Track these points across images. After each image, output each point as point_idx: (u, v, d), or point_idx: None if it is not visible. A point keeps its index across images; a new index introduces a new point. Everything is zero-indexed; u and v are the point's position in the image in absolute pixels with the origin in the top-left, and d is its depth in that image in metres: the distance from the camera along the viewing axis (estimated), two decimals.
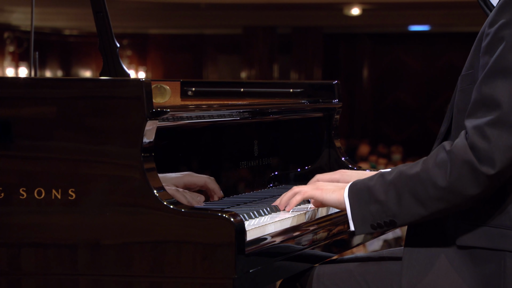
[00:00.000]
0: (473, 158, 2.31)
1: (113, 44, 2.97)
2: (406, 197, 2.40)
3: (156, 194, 2.32)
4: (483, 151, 2.31)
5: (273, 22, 15.94)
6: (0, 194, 2.40)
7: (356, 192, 2.48)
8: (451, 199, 2.36)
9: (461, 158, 2.33)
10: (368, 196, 2.46)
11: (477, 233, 2.41)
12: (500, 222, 2.39)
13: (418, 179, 2.39)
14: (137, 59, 17.81)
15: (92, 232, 2.35)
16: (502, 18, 2.35)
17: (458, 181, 2.34)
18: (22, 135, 2.41)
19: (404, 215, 2.42)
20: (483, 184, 2.33)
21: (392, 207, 2.42)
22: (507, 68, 2.32)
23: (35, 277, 2.39)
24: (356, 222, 2.47)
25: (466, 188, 2.34)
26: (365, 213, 2.46)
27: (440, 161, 2.36)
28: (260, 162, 3.10)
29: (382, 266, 2.58)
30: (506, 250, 2.37)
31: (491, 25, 2.37)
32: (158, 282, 2.32)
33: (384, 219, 2.44)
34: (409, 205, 2.40)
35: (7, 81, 2.53)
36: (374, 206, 2.44)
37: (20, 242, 2.39)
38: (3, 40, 15.93)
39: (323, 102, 3.42)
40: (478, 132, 2.32)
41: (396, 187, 2.41)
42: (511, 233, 2.37)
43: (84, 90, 2.41)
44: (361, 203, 2.47)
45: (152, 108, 2.37)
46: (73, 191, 2.37)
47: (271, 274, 2.47)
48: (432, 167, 2.37)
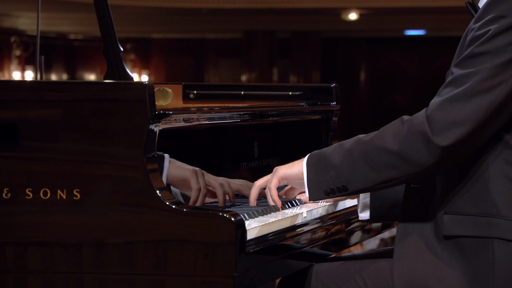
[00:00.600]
0: (427, 128, 2.32)
1: (117, 48, 2.98)
2: (360, 162, 2.41)
3: (159, 194, 2.32)
4: (437, 123, 2.32)
5: (272, 26, 15.94)
6: (6, 194, 2.40)
7: (314, 160, 2.51)
8: (403, 167, 2.37)
9: (416, 127, 2.34)
10: (324, 163, 2.48)
11: (464, 223, 2.40)
12: (486, 211, 2.38)
13: (372, 145, 2.40)
14: (140, 63, 17.81)
15: (96, 231, 2.35)
16: (489, 14, 2.36)
17: (410, 149, 2.35)
18: (28, 137, 2.41)
19: (356, 181, 2.43)
20: (435, 154, 2.33)
21: (345, 173, 2.43)
22: (481, 53, 2.34)
23: (40, 275, 2.39)
24: (310, 188, 2.49)
25: (418, 157, 2.34)
26: (321, 179, 2.48)
27: (396, 129, 2.38)
28: (260, 163, 3.10)
29: (378, 263, 2.58)
30: (493, 237, 2.36)
31: (477, 21, 2.40)
32: (161, 280, 2.32)
33: (337, 185, 2.45)
34: (362, 170, 2.41)
35: (14, 84, 2.53)
36: (329, 173, 2.46)
37: (26, 241, 2.39)
38: (9, 44, 15.93)
39: (321, 104, 3.42)
40: (437, 106, 2.34)
41: (351, 153, 2.43)
42: (497, 220, 2.36)
43: (89, 93, 2.42)
44: (318, 170, 2.48)
45: (154, 111, 2.37)
46: (78, 191, 2.37)
47: (270, 272, 2.47)
48: (387, 134, 2.40)
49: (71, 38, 17.51)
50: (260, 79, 15.87)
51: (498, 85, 2.32)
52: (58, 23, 15.88)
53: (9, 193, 2.40)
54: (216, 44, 17.71)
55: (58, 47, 16.92)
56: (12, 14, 14.84)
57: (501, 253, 2.35)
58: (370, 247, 7.07)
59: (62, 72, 17.38)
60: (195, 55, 17.81)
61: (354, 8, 14.00)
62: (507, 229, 2.35)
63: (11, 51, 15.97)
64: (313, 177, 2.49)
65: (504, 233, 2.35)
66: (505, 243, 2.35)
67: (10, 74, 15.83)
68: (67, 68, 17.47)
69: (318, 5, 13.23)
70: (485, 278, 2.36)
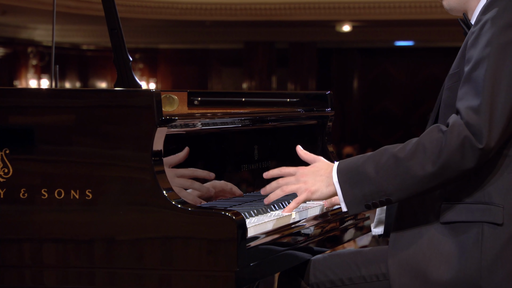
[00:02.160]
0: (469, 134, 2.30)
1: (127, 58, 2.97)
2: (402, 176, 2.36)
3: (165, 194, 2.32)
4: (478, 127, 2.30)
5: (271, 38, 15.94)
6: (24, 194, 2.40)
7: (346, 175, 2.42)
8: (447, 174, 2.34)
9: (458, 135, 2.30)
10: (358, 178, 2.40)
11: (458, 210, 2.41)
12: (479, 199, 2.40)
13: (414, 158, 2.35)
14: (148, 72, 17.80)
15: (107, 228, 2.35)
16: (487, 15, 2.37)
17: (456, 157, 2.31)
18: (44, 141, 2.41)
19: (399, 193, 2.38)
20: (478, 157, 2.31)
21: (387, 187, 2.37)
22: (489, 55, 2.33)
23: (55, 270, 2.39)
24: (348, 204, 2.42)
25: (463, 163, 2.32)
26: (358, 195, 2.40)
27: (437, 139, 2.33)
28: (260, 165, 3.10)
29: (370, 251, 2.59)
30: (484, 221, 2.38)
31: (476, 24, 2.40)
32: (167, 275, 2.32)
33: (380, 199, 2.39)
34: (405, 183, 2.36)
35: (30, 91, 2.53)
36: (367, 187, 2.39)
37: (42, 238, 2.39)
38: (27, 54, 15.92)
39: (317, 110, 3.41)
40: (472, 111, 2.31)
41: (390, 168, 2.37)
42: (489, 207, 2.38)
43: (100, 100, 2.41)
44: (353, 186, 2.41)
45: (161, 116, 2.36)
46: (90, 191, 2.36)
47: (269, 267, 2.46)
48: (429, 145, 2.34)
49: (84, 48, 17.51)
50: (260, 86, 15.86)
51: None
52: (72, 34, 15.88)
53: (26, 193, 2.40)
54: (219, 54, 17.70)
55: (71, 57, 16.91)
56: (29, 26, 14.84)
57: (489, 235, 2.37)
58: (362, 243, 7.05)
59: (76, 80, 17.37)
60: (200, 64, 17.80)
61: (348, 21, 14.00)
62: (497, 215, 2.37)
63: (28, 60, 15.97)
64: (349, 191, 2.41)
65: (494, 218, 2.37)
66: (493, 227, 2.37)
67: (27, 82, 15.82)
68: (80, 76, 17.46)
69: (314, 17, 13.22)
70: (474, 256, 2.38)
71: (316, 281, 2.58)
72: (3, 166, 2.41)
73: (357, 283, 2.53)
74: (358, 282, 2.53)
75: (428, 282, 2.41)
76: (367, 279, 2.52)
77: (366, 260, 2.55)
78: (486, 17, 2.37)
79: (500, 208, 2.37)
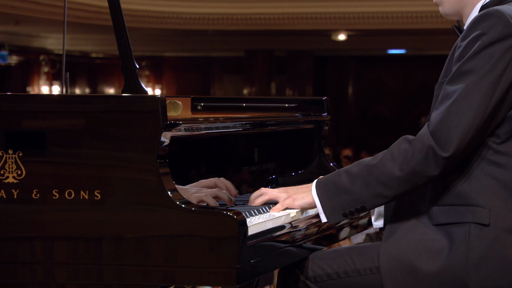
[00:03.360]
0: (434, 143, 2.35)
1: (133, 65, 2.97)
2: (373, 184, 2.42)
3: (170, 195, 2.31)
4: (441, 137, 2.35)
5: (270, 46, 15.94)
6: (36, 195, 2.40)
7: (324, 187, 2.50)
8: (415, 180, 2.39)
9: (423, 144, 2.36)
10: (334, 189, 2.47)
11: (448, 212, 2.44)
12: (467, 202, 2.42)
13: (383, 166, 2.41)
14: (154, 78, 17.81)
15: (114, 227, 2.35)
16: (473, 32, 2.38)
17: (421, 164, 2.37)
18: (55, 144, 2.41)
19: (373, 200, 2.44)
20: (442, 165, 2.36)
21: (360, 195, 2.43)
22: (468, 71, 2.36)
23: (66, 266, 2.38)
24: (327, 213, 2.49)
25: (428, 170, 2.37)
26: (335, 204, 2.47)
27: (404, 149, 2.39)
28: (260, 167, 3.09)
29: (365, 247, 2.61)
30: (471, 222, 2.40)
31: (463, 39, 2.41)
32: (172, 271, 2.31)
33: (355, 206, 2.45)
34: (377, 189, 2.42)
35: (42, 97, 2.53)
36: (343, 197, 2.46)
37: (53, 236, 2.39)
38: (39, 62, 15.94)
39: (314, 115, 3.41)
40: (437, 121, 2.36)
41: (362, 177, 2.43)
42: (476, 209, 2.39)
43: (108, 105, 2.41)
44: (330, 196, 2.48)
45: (166, 121, 2.36)
46: (99, 192, 2.36)
47: (269, 263, 2.46)
48: (397, 154, 2.40)
49: (93, 56, 17.52)
50: (260, 92, 15.86)
51: (486, 96, 2.34)
52: (81, 43, 15.89)
53: (38, 194, 2.40)
54: (221, 62, 17.71)
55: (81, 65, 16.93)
56: (41, 35, 14.85)
57: (476, 235, 2.39)
58: (357, 241, 7.05)
59: (85, 87, 17.38)
60: (202, 71, 17.81)
61: (343, 30, 14.00)
62: (484, 216, 2.39)
63: (40, 68, 15.98)
64: (328, 203, 2.48)
65: (481, 219, 2.39)
66: (480, 227, 2.39)
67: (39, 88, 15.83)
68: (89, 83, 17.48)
69: (311, 27, 13.23)
70: (461, 253, 2.39)
71: (314, 274, 2.58)
72: (16, 168, 2.41)
73: (352, 276, 2.54)
74: (353, 275, 2.54)
75: (417, 275, 2.42)
76: (361, 272, 2.53)
77: (360, 255, 2.56)
78: (473, 34, 2.37)
79: (486, 210, 2.39)
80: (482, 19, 2.37)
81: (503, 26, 2.34)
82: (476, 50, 2.35)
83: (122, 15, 3.03)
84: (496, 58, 2.34)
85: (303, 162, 3.39)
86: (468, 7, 2.53)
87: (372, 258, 2.53)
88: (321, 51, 16.75)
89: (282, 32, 13.79)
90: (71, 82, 16.85)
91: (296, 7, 12.73)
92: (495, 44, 2.34)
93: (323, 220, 2.50)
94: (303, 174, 3.35)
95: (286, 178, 3.26)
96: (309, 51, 16.52)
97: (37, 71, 15.95)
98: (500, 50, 2.34)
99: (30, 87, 15.81)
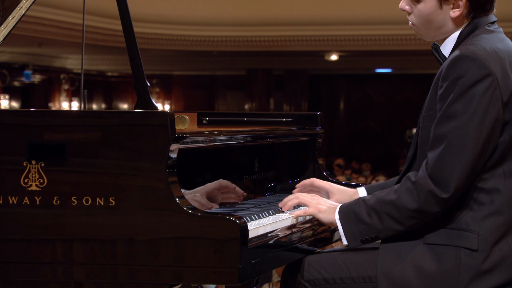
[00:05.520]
0: (434, 187, 2.36)
1: (145, 83, 2.97)
2: (386, 218, 2.44)
3: (178, 201, 2.31)
4: (439, 180, 2.35)
5: (269, 65, 15.95)
6: (56, 201, 2.40)
7: (345, 215, 2.51)
8: (421, 217, 2.41)
9: (425, 187, 2.37)
10: (355, 218, 2.49)
11: (440, 234, 2.43)
12: (458, 226, 2.41)
13: (393, 204, 2.43)
14: (164, 95, 17.81)
15: (128, 230, 2.34)
16: (452, 74, 2.36)
17: (424, 205, 2.38)
18: (74, 155, 2.40)
19: (385, 232, 2.46)
20: (443, 204, 2.37)
21: (376, 227, 2.45)
22: (453, 114, 2.34)
23: (83, 266, 2.38)
24: (348, 239, 2.50)
25: (431, 209, 2.38)
26: (355, 231, 2.49)
27: (408, 190, 2.40)
28: (260, 176, 3.09)
29: (359, 254, 2.59)
30: (461, 247, 2.38)
31: (443, 80, 2.38)
32: (180, 271, 2.31)
33: (370, 235, 2.48)
34: (389, 224, 2.44)
35: (63, 113, 2.53)
36: (361, 226, 2.47)
37: (72, 238, 2.38)
38: (59, 80, 15.94)
39: (308, 128, 3.41)
40: (434, 165, 2.36)
41: (376, 211, 2.45)
42: (465, 233, 2.38)
43: (122, 120, 2.41)
44: (351, 224, 2.49)
45: (175, 134, 2.36)
46: (113, 198, 2.36)
47: (268, 264, 2.46)
48: (403, 195, 2.41)
49: (108, 75, 17.52)
50: (260, 108, 15.85)
51: (475, 137, 2.32)
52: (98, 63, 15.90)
53: (58, 200, 2.40)
54: (224, 80, 17.71)
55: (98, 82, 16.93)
56: (62, 56, 14.86)
57: (466, 260, 2.37)
58: None
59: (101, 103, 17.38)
60: (208, 88, 17.81)
61: (335, 51, 14.01)
62: (472, 241, 2.37)
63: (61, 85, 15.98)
64: (348, 228, 2.49)
65: (470, 244, 2.37)
66: (470, 252, 2.37)
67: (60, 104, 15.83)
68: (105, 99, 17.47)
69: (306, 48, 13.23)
70: (453, 277, 2.38)
71: (312, 278, 2.57)
72: (39, 177, 2.41)
73: (346, 283, 2.53)
74: (348, 282, 2.53)
75: None
76: (355, 280, 2.52)
77: (355, 263, 2.55)
78: (451, 76, 2.35)
79: (475, 235, 2.37)
80: (458, 62, 2.35)
81: (478, 68, 2.32)
82: (457, 94, 2.33)
83: (135, 38, 3.04)
84: (476, 100, 2.32)
85: (299, 171, 3.38)
86: (444, 35, 2.51)
87: (365, 268, 2.52)
88: (315, 70, 16.75)
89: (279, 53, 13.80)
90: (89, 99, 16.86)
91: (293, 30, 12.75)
92: (473, 87, 2.32)
93: (344, 243, 2.51)
94: (299, 182, 3.34)
95: (283, 186, 3.26)
96: (304, 70, 16.52)
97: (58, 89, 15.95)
98: (479, 92, 2.31)
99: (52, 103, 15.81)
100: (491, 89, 2.32)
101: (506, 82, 2.35)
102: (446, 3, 2.46)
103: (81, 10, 3.14)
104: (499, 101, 2.33)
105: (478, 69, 2.32)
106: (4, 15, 2.77)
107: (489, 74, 2.32)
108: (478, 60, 2.33)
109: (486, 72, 2.32)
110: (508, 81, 2.36)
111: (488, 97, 2.32)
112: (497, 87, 2.32)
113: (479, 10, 2.46)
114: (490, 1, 2.48)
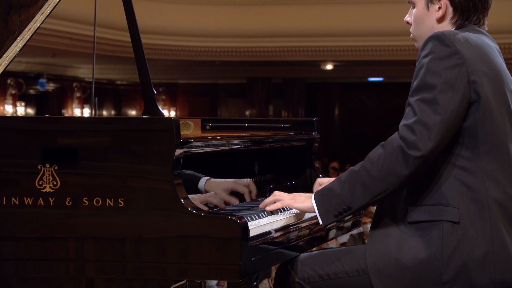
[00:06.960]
0: (402, 144, 2.35)
1: (152, 91, 2.97)
2: (357, 186, 2.41)
3: (183, 202, 2.31)
4: (410, 140, 2.34)
5: (268, 74, 15.96)
6: (69, 202, 2.40)
7: (320, 194, 2.49)
8: (389, 180, 2.36)
9: (393, 145, 2.36)
10: (328, 195, 2.46)
11: (422, 211, 2.43)
12: (438, 202, 2.41)
13: (363, 169, 2.40)
14: (169, 102, 17.81)
15: (136, 229, 2.34)
16: (423, 52, 2.41)
17: (392, 163, 2.35)
18: (85, 159, 2.41)
19: (357, 200, 2.41)
20: (412, 164, 2.34)
21: (346, 197, 2.42)
22: (423, 85, 2.37)
23: (94, 263, 2.38)
24: (322, 216, 2.47)
25: (398, 169, 2.35)
26: (328, 207, 2.45)
27: (378, 153, 2.40)
28: (260, 178, 3.09)
29: (351, 249, 2.59)
30: (443, 220, 2.39)
31: (417, 59, 2.44)
32: (184, 267, 2.31)
33: (343, 207, 2.43)
34: (359, 191, 2.40)
35: (75, 119, 2.53)
36: (334, 200, 2.44)
37: (84, 237, 2.38)
38: (72, 88, 15.95)
39: (305, 133, 3.41)
40: (406, 128, 2.36)
41: (349, 181, 2.43)
42: (446, 208, 2.39)
43: (131, 126, 2.41)
44: (324, 201, 2.46)
45: (180, 139, 2.36)
46: (122, 199, 2.36)
47: (267, 261, 2.46)
48: (372, 158, 2.40)
49: (118, 83, 17.53)
50: (259, 114, 15.86)
51: (444, 105, 2.34)
52: (108, 72, 15.91)
53: (70, 201, 2.40)
54: (226, 88, 17.72)
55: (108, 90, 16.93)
56: (74, 66, 14.88)
57: (448, 231, 2.38)
58: (342, 241, 7.03)
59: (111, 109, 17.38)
60: (211, 96, 17.81)
61: (330, 61, 14.02)
62: (454, 214, 2.38)
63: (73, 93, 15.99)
64: (322, 207, 2.47)
65: (451, 217, 2.38)
66: (451, 224, 2.38)
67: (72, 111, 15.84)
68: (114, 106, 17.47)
69: (303, 58, 13.24)
70: (437, 248, 2.38)
71: (307, 275, 2.56)
72: (52, 180, 2.41)
73: (341, 277, 2.52)
74: (342, 276, 2.52)
75: (399, 267, 2.40)
76: (349, 273, 2.51)
77: (348, 258, 2.54)
78: (423, 53, 2.41)
79: (455, 209, 2.38)
80: (428, 41, 2.40)
81: (446, 46, 2.37)
82: (427, 68, 2.37)
83: (142, 48, 3.04)
84: (445, 73, 2.35)
85: (296, 173, 3.38)
86: None
87: (358, 260, 2.51)
88: (312, 78, 16.76)
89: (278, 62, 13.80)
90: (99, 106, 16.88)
91: (291, 41, 12.76)
92: (441, 62, 2.36)
93: (320, 223, 2.48)
94: (297, 184, 3.34)
95: (282, 188, 3.26)
96: (302, 78, 16.53)
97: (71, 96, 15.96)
98: (447, 66, 2.35)
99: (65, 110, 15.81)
100: (458, 66, 2.35)
101: (474, 63, 2.37)
102: (431, 5, 2.52)
103: (92, 23, 3.15)
104: (465, 77, 2.36)
105: (445, 47, 2.37)
106: (20, 28, 2.77)
107: (456, 52, 2.36)
108: (446, 39, 2.38)
109: (453, 50, 2.36)
110: (477, 65, 2.38)
111: (455, 72, 2.35)
112: (463, 64, 2.36)
113: (463, 14, 2.48)
114: (474, 11, 2.49)
